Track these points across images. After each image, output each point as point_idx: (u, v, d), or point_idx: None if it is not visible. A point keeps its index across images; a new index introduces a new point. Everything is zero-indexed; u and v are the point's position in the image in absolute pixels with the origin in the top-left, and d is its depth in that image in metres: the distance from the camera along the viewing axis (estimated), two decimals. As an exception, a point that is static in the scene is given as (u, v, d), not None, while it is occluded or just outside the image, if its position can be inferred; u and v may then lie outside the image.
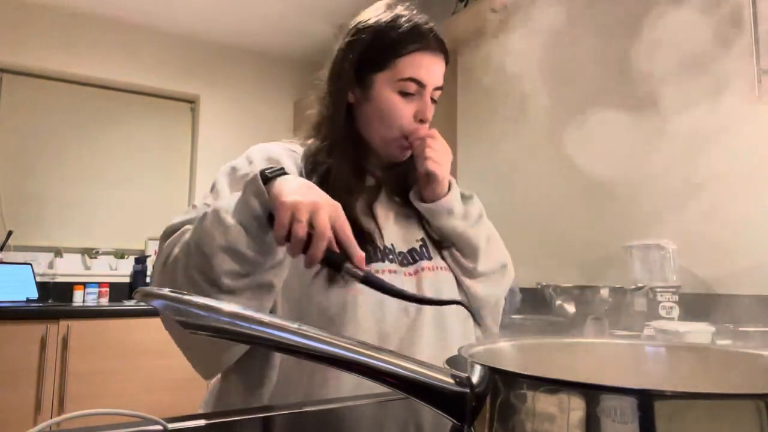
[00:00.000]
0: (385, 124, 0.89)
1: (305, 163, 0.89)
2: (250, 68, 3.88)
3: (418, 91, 0.88)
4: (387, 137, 0.89)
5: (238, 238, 0.68)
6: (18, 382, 2.41)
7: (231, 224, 0.68)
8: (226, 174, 0.85)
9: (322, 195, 0.68)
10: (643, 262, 1.90)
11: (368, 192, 0.92)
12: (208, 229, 0.69)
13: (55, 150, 3.30)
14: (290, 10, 3.29)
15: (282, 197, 0.65)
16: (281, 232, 0.64)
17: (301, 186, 0.68)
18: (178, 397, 2.60)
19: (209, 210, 0.71)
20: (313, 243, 0.63)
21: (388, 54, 0.88)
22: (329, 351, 0.42)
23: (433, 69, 0.89)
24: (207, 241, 0.68)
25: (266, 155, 0.87)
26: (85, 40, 3.35)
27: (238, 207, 0.69)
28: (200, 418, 0.59)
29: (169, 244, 0.76)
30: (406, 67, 0.87)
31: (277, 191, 0.67)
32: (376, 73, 0.89)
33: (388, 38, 0.88)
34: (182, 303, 0.43)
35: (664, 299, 1.69)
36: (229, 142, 3.57)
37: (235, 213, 0.69)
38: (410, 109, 0.88)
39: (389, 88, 0.88)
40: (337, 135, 0.90)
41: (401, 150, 0.91)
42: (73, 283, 3.06)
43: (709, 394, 0.33)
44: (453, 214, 0.90)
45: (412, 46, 0.87)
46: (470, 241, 0.92)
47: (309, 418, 0.64)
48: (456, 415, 0.42)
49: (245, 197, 0.69)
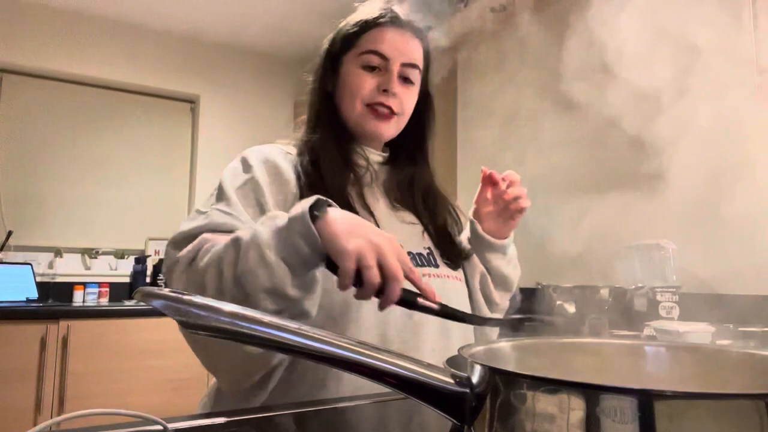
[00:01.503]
0: (350, 98, 0.90)
1: (296, 152, 0.89)
2: (250, 68, 3.87)
3: (382, 64, 0.89)
4: (355, 112, 0.90)
5: (284, 279, 0.65)
6: (18, 382, 2.41)
7: (276, 264, 0.65)
8: (231, 180, 0.83)
9: (377, 232, 0.66)
10: (643, 262, 1.90)
11: (357, 183, 0.91)
12: (250, 267, 0.65)
13: (55, 150, 3.30)
14: (290, 10, 3.29)
15: (342, 242, 0.62)
16: (347, 282, 0.62)
17: (355, 224, 0.66)
18: (178, 397, 2.60)
19: (245, 238, 0.67)
20: (389, 287, 0.62)
21: (353, 33, 0.90)
22: (329, 351, 0.42)
23: (398, 43, 0.89)
24: (249, 280, 0.65)
25: (262, 158, 0.86)
26: (85, 40, 3.35)
27: (282, 244, 0.66)
28: (200, 418, 0.59)
29: (187, 252, 0.72)
30: (367, 42, 0.89)
31: (330, 232, 0.64)
32: (344, 55, 0.91)
33: (356, 22, 0.91)
34: (182, 303, 0.43)
35: (664, 299, 1.69)
36: (229, 142, 3.57)
37: (280, 251, 0.65)
38: (373, 81, 0.89)
39: (353, 65, 0.90)
40: (320, 119, 0.91)
41: (374, 122, 0.90)
42: (73, 283, 3.06)
43: (709, 394, 0.33)
44: (506, 256, 0.99)
45: (376, 21, 0.89)
46: (507, 280, 1.00)
47: (309, 418, 0.64)
48: (456, 415, 0.42)
49: (291, 236, 0.65)
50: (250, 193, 0.81)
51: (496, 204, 0.95)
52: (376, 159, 0.96)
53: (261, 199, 0.80)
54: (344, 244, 0.62)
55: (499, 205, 0.95)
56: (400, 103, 0.91)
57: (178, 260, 0.73)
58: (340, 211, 0.68)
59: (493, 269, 0.99)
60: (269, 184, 0.82)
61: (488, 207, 0.96)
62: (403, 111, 0.92)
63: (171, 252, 0.76)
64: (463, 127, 3.02)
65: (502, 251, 0.98)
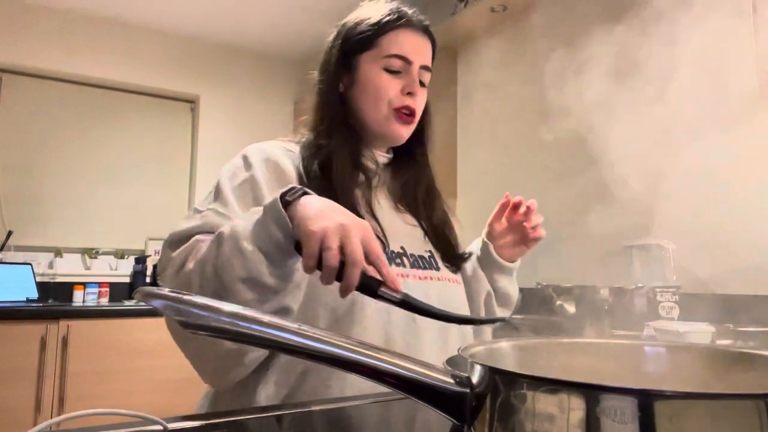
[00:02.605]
0: (374, 101, 0.89)
1: (303, 153, 0.87)
2: (250, 68, 3.87)
3: (403, 68, 0.89)
4: (379, 115, 0.89)
5: (258, 267, 0.65)
6: (18, 382, 2.41)
7: (251, 253, 0.65)
8: (229, 178, 0.83)
9: (348, 215, 0.65)
10: (643, 262, 1.90)
11: (368, 187, 0.90)
12: (227, 257, 0.66)
13: (55, 150, 3.30)
14: (291, 10, 3.29)
15: (308, 224, 0.62)
16: (311, 263, 0.61)
17: (325, 208, 0.65)
18: (178, 397, 2.60)
19: (226, 232, 0.68)
20: (347, 271, 0.60)
21: (371, 34, 0.89)
22: (329, 351, 0.42)
23: (418, 46, 0.90)
24: (226, 270, 0.65)
25: (264, 156, 0.85)
26: (85, 40, 3.35)
27: (256, 232, 0.66)
28: (200, 419, 0.59)
29: (180, 253, 0.73)
30: (390, 44, 0.88)
31: (300, 216, 0.64)
32: (360, 55, 0.90)
33: (370, 21, 0.90)
34: (182, 303, 0.43)
35: (664, 299, 1.69)
36: (229, 142, 3.56)
37: (255, 239, 0.66)
38: (397, 84, 0.88)
39: (375, 67, 0.89)
40: (333, 120, 0.90)
41: (397, 126, 0.90)
42: (73, 283, 3.06)
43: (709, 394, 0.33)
44: (512, 277, 1.03)
45: (395, 23, 0.89)
46: (510, 299, 1.04)
47: (309, 418, 0.64)
48: (456, 415, 0.42)
49: (265, 224, 0.66)
50: (249, 192, 0.81)
51: (514, 233, 1.00)
52: (383, 160, 0.95)
53: (259, 198, 0.80)
54: (310, 226, 0.62)
55: (516, 234, 1.00)
56: (419, 105, 0.92)
57: (170, 260, 0.74)
58: (314, 197, 0.68)
59: (499, 289, 1.02)
60: (268, 180, 0.82)
61: (507, 236, 1.01)
62: (419, 113, 0.93)
63: (166, 251, 0.77)
64: (462, 126, 3.02)
65: (510, 273, 1.03)
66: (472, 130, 2.96)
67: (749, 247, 1.66)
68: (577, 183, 2.22)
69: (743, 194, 1.69)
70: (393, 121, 0.89)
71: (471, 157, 2.94)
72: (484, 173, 2.79)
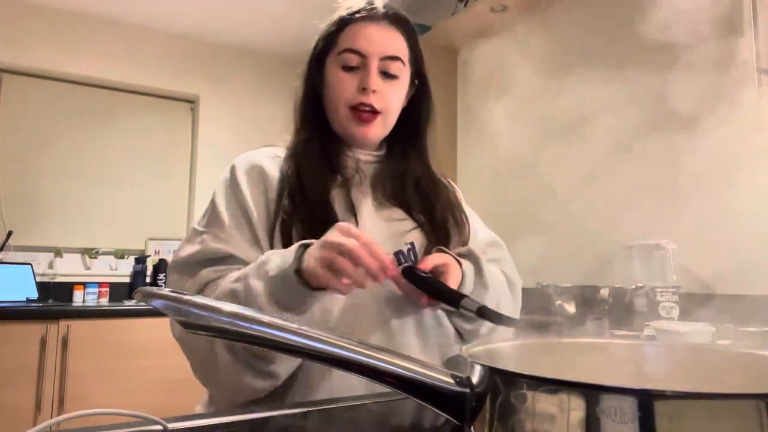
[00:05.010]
0: (334, 102, 0.88)
1: (284, 165, 0.87)
2: (250, 68, 3.87)
3: (360, 63, 0.86)
4: (340, 117, 0.88)
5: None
6: (18, 382, 2.41)
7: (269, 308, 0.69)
8: (221, 194, 0.84)
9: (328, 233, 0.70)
10: (643, 262, 1.90)
11: (345, 185, 0.88)
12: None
13: (55, 150, 3.30)
14: (291, 10, 3.28)
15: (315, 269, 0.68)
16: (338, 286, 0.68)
17: (318, 246, 0.69)
18: (178, 397, 2.60)
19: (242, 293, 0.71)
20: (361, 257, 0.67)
21: (333, 32, 0.89)
22: (329, 351, 0.42)
23: (376, 38, 0.86)
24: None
25: (248, 165, 0.86)
26: (85, 40, 3.35)
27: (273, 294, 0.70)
28: (200, 418, 0.59)
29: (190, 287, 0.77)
30: (344, 40, 0.87)
31: (309, 273, 0.69)
32: (327, 56, 0.90)
33: (333, 19, 0.90)
34: (182, 303, 0.43)
35: (664, 299, 1.69)
36: (229, 142, 3.56)
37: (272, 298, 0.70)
38: (353, 81, 0.86)
39: (334, 66, 0.88)
40: (305, 124, 0.90)
41: (356, 126, 0.87)
42: (73, 283, 3.05)
43: (709, 394, 0.33)
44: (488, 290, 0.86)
45: (352, 17, 0.87)
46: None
47: (309, 417, 0.64)
48: (456, 415, 0.42)
49: (280, 290, 0.70)
50: (237, 210, 0.82)
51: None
52: (368, 159, 0.93)
53: (249, 216, 0.82)
54: (316, 269, 0.67)
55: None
56: (383, 100, 0.87)
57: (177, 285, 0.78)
58: (313, 247, 0.70)
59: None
60: (250, 187, 0.84)
61: None
62: (388, 108, 0.88)
63: (172, 275, 0.80)
64: (462, 126, 3.02)
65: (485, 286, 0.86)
66: (473, 130, 2.96)
67: (749, 247, 1.66)
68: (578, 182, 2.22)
69: (744, 194, 1.69)
70: (352, 121, 0.87)
71: (471, 157, 2.94)
72: (484, 173, 2.79)
